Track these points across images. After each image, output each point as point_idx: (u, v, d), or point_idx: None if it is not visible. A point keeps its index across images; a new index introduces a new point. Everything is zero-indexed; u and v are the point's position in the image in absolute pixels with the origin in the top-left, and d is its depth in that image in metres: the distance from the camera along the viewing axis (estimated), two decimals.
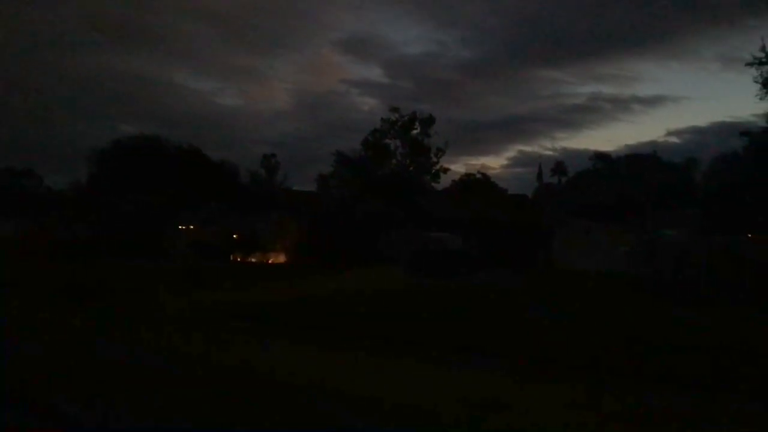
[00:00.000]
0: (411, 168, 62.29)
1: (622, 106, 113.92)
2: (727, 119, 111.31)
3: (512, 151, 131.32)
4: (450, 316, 15.90)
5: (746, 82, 65.14)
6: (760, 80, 28.24)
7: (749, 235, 33.36)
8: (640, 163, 62.59)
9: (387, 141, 61.95)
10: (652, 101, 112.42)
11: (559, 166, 78.78)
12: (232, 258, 40.28)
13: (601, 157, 72.47)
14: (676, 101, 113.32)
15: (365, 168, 58.16)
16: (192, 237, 42.73)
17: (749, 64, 28.37)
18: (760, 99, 28.60)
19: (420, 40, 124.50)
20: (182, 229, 44.16)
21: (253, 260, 40.12)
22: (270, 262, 39.67)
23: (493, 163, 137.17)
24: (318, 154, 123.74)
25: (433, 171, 62.89)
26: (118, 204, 44.70)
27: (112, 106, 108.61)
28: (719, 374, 9.36)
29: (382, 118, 61.63)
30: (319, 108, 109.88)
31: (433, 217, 42.80)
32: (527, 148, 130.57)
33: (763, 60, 27.95)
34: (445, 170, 63.30)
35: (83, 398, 7.45)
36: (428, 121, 61.45)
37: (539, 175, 77.73)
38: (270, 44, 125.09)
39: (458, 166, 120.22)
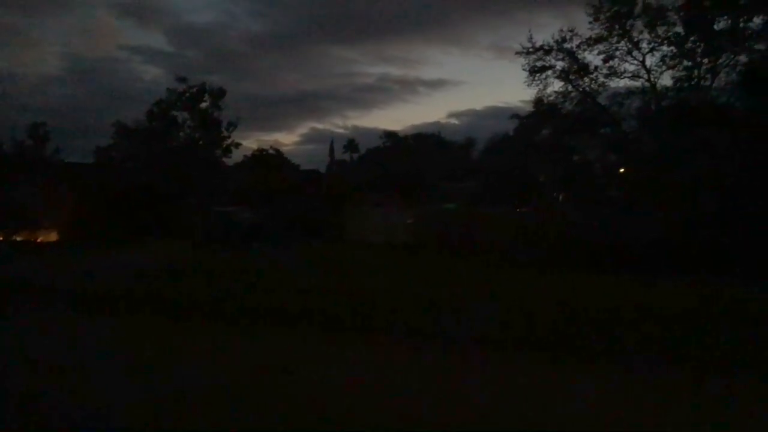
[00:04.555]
0: (201, 142, 59.57)
1: (408, 87, 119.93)
2: (500, 104, 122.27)
3: (304, 128, 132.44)
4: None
5: (516, 69, 71.27)
6: (528, 68, 30.82)
7: (518, 209, 36.78)
8: (424, 141, 66.30)
9: (174, 113, 58.44)
10: (435, 84, 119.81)
11: (350, 143, 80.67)
12: None
13: (389, 135, 75.70)
14: (456, 85, 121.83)
15: (149, 140, 54.49)
16: None
17: (519, 53, 30.79)
18: (528, 86, 31.27)
19: (207, 8, 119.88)
20: None
21: (19, 239, 35.78)
22: (39, 240, 35.69)
23: (286, 139, 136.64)
24: (96, 124, 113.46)
25: (225, 145, 60.72)
26: None
27: None
28: None
29: (168, 89, 57.84)
30: (95, 75, 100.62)
31: (225, 191, 41.53)
32: (319, 125, 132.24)
33: (530, 50, 30.52)
34: (237, 145, 61.28)
35: None
36: (218, 94, 58.82)
37: (331, 152, 78.86)
38: (35, 1, 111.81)
39: (250, 142, 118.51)
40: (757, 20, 24.86)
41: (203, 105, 58.45)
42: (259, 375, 7.39)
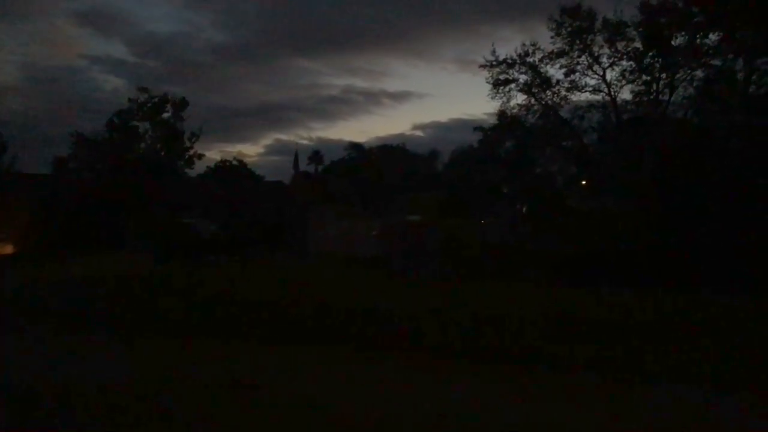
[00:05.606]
0: (163, 152, 58.66)
1: (373, 99, 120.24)
2: (464, 116, 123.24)
3: (269, 139, 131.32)
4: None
5: (480, 82, 72.16)
6: (492, 81, 31.16)
7: (482, 221, 37.01)
8: (389, 153, 66.50)
9: (135, 123, 57.45)
10: (400, 96, 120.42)
11: (315, 155, 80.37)
12: None
13: (354, 147, 75.77)
14: (420, 97, 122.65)
15: (109, 151, 53.47)
16: None
17: (482, 66, 31.13)
18: (491, 98, 31.65)
19: (170, 18, 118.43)
20: None
21: None
22: None
23: (250, 150, 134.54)
24: (54, 134, 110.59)
25: (187, 156, 59.90)
26: None
27: None
28: None
29: (129, 99, 56.87)
30: (54, 85, 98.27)
31: (187, 202, 40.93)
32: (283, 137, 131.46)
33: (494, 63, 30.86)
34: (200, 156, 60.56)
35: None
36: (181, 105, 58.08)
37: (295, 163, 78.48)
38: None
39: (214, 153, 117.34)
40: (713, 37, 25.55)
41: (165, 115, 57.65)
42: None
